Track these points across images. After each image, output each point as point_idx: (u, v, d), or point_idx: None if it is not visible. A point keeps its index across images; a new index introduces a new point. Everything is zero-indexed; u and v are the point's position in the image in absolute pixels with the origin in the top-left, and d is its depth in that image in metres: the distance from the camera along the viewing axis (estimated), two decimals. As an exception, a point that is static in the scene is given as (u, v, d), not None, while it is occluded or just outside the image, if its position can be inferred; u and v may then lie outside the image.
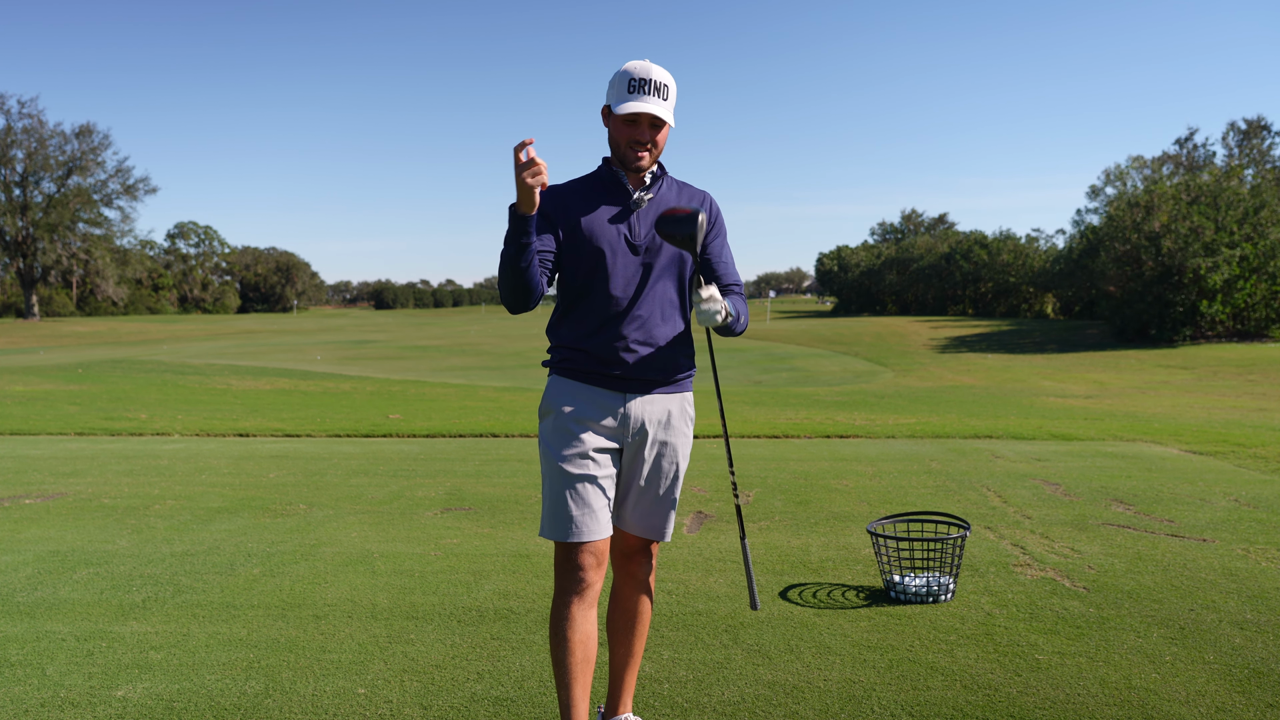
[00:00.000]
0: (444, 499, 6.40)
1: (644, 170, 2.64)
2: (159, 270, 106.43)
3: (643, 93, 2.54)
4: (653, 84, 2.55)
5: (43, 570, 4.65)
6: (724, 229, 2.81)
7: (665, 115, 2.55)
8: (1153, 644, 3.52)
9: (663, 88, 2.57)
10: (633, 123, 2.58)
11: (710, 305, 2.52)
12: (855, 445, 9.08)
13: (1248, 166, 58.32)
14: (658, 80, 2.56)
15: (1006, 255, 76.64)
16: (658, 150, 2.63)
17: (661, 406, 2.68)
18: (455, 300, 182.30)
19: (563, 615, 2.58)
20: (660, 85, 2.57)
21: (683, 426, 2.75)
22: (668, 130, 2.62)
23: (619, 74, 2.59)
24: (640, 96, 2.54)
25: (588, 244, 2.60)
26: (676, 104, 2.64)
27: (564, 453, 2.59)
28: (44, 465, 7.99)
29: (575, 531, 2.56)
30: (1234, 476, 7.06)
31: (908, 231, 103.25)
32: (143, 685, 3.22)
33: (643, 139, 2.58)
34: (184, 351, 40.59)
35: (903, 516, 4.49)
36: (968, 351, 44.14)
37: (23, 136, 75.99)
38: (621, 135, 2.60)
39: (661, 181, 2.72)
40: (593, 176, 2.71)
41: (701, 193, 2.78)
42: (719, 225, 2.79)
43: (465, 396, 19.33)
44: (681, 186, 2.77)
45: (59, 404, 15.37)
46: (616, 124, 2.61)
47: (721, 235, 2.80)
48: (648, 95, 2.54)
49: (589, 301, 2.62)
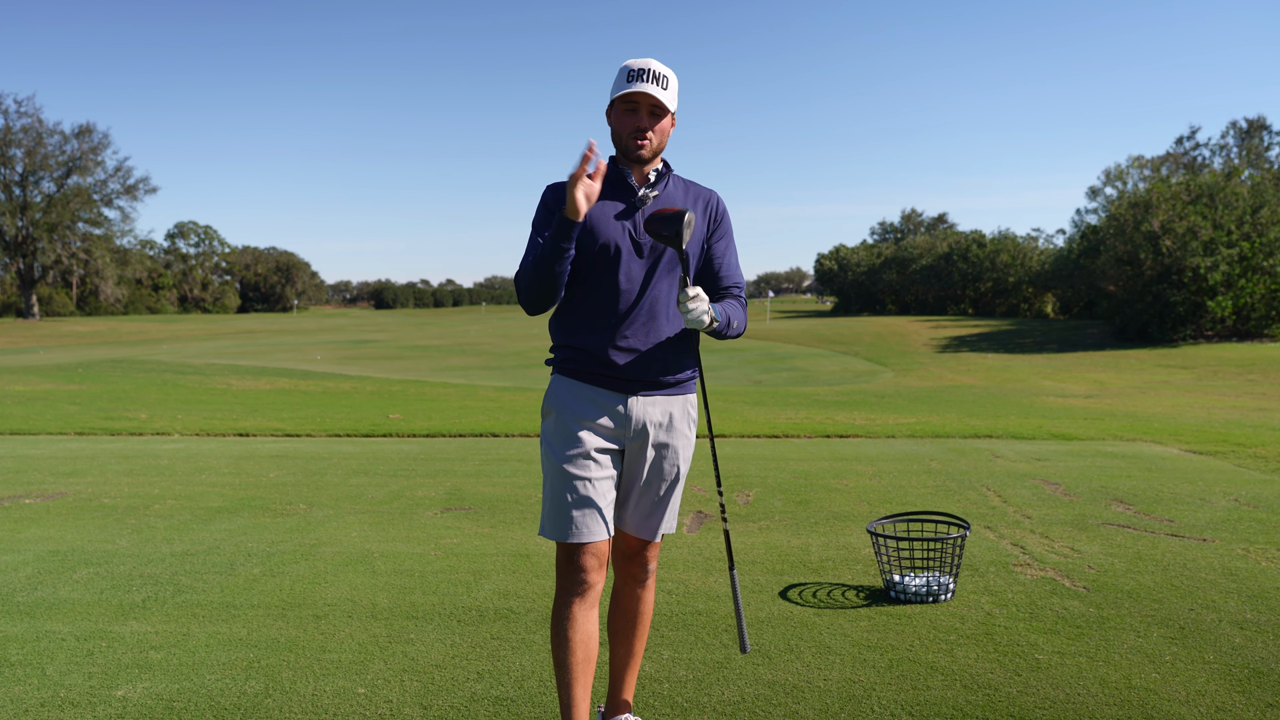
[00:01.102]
0: (444, 499, 6.40)
1: (645, 159, 2.61)
2: (159, 270, 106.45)
3: (641, 80, 2.54)
4: (651, 73, 2.56)
5: (43, 570, 4.65)
6: (730, 229, 2.77)
7: (664, 99, 2.55)
8: (1153, 644, 3.52)
9: (662, 78, 2.56)
10: (632, 110, 2.57)
11: (696, 305, 2.49)
12: (855, 445, 9.08)
13: (1248, 166, 58.33)
14: (656, 70, 2.57)
15: (1006, 255, 76.66)
16: (659, 140, 2.61)
17: (663, 408, 2.66)
18: (455, 300, 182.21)
19: (564, 615, 2.58)
20: (659, 75, 2.56)
21: (684, 429, 2.72)
22: (670, 121, 2.62)
23: (620, 69, 2.61)
24: (638, 83, 2.54)
25: (593, 241, 2.58)
26: (680, 107, 2.64)
27: (565, 453, 2.58)
28: (44, 465, 7.99)
29: (576, 532, 2.55)
30: (1234, 476, 7.06)
31: (907, 231, 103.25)
32: (143, 685, 3.22)
33: (643, 126, 2.57)
34: (184, 351, 40.58)
35: (903, 516, 4.49)
36: (968, 351, 44.14)
37: (21, 135, 75.98)
38: (623, 125, 2.60)
39: (667, 179, 2.70)
40: None
41: (709, 191, 2.75)
42: (725, 225, 2.76)
43: (465, 396, 19.33)
44: (688, 185, 2.74)
45: (59, 404, 15.37)
46: (618, 114, 2.61)
47: (727, 235, 2.76)
48: (646, 82, 2.54)
49: (592, 299, 2.60)
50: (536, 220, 2.66)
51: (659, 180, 2.68)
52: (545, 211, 2.65)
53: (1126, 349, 41.92)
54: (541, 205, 2.67)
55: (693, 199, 2.71)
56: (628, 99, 2.57)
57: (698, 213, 2.69)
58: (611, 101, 2.64)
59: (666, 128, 2.62)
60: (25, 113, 76.54)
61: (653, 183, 2.67)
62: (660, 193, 2.67)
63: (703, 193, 2.75)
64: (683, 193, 2.72)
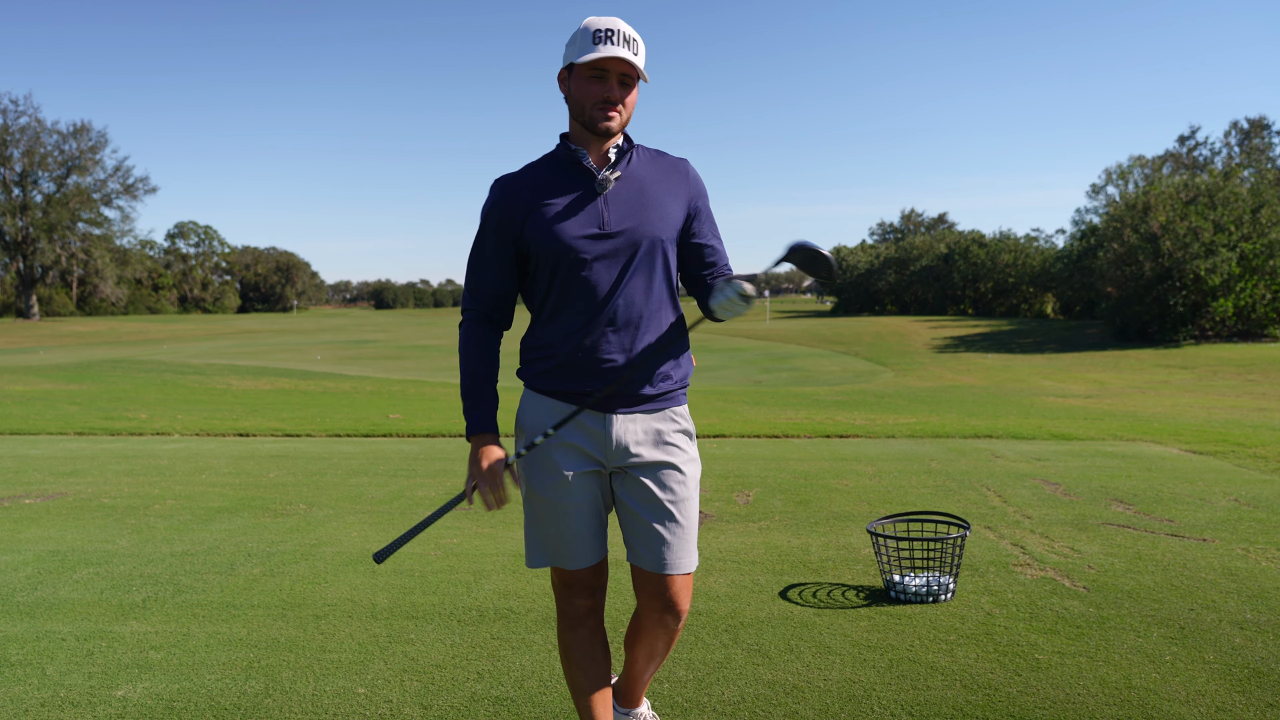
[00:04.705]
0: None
1: (613, 132, 2.30)
2: (159, 270, 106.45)
3: (610, 42, 2.22)
4: (620, 34, 2.23)
5: (43, 570, 4.65)
6: (709, 203, 2.51)
7: (638, 64, 2.25)
8: (1153, 644, 3.52)
9: (632, 41, 2.25)
10: (598, 77, 2.26)
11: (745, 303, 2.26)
12: (855, 445, 9.08)
13: (1248, 166, 58.34)
14: (626, 32, 2.24)
15: (1006, 255, 76.65)
16: (628, 112, 2.31)
17: (647, 424, 2.36)
18: (455, 300, 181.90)
19: (564, 641, 2.51)
20: (630, 38, 2.25)
21: (679, 443, 2.40)
22: (637, 91, 2.32)
23: (579, 30, 2.27)
24: (607, 45, 2.22)
25: (552, 242, 2.28)
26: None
27: (539, 478, 2.38)
28: (44, 465, 7.99)
29: (556, 559, 2.40)
30: (1234, 476, 7.06)
31: (907, 231, 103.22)
32: (143, 685, 3.22)
33: (613, 96, 2.26)
34: (184, 351, 40.58)
35: (903, 516, 4.49)
36: (967, 351, 44.14)
37: (19, 135, 75.97)
38: (588, 95, 2.27)
39: (631, 154, 2.37)
40: (549, 159, 2.38)
41: (681, 160, 2.46)
42: (705, 200, 2.48)
43: (465, 396, 19.32)
44: (656, 157, 2.43)
45: (59, 404, 15.37)
46: (580, 82, 2.28)
47: (708, 212, 2.49)
48: (615, 44, 2.22)
49: (560, 306, 2.34)
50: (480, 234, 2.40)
51: (621, 158, 2.35)
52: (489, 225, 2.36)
53: (1126, 349, 41.91)
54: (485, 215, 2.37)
55: (664, 172, 2.40)
56: (594, 65, 2.24)
57: (675, 186, 2.40)
58: (570, 66, 2.28)
59: (634, 100, 2.31)
60: (23, 111, 76.68)
61: (614, 162, 2.34)
62: (624, 172, 2.34)
63: (677, 164, 2.44)
64: (650, 168, 2.39)
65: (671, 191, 2.40)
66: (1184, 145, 65.62)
